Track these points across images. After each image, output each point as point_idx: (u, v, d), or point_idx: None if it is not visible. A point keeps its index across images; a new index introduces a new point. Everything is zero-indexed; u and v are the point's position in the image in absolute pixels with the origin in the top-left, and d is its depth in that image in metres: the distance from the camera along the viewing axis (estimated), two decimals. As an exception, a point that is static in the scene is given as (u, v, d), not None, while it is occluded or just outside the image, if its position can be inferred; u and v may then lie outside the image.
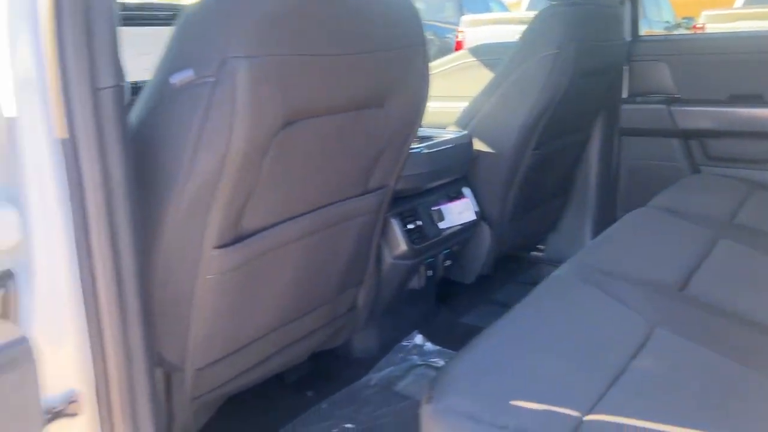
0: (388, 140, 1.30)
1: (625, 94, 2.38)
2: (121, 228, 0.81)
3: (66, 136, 0.75)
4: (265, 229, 1.15)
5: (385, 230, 1.59)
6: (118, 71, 0.79)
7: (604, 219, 2.37)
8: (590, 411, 0.83)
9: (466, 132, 1.85)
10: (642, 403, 0.86)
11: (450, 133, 1.82)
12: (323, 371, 1.70)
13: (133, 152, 0.82)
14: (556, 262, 1.87)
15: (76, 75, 0.73)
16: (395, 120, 1.27)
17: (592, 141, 2.33)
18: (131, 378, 0.85)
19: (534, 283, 1.28)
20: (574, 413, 0.82)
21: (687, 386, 0.91)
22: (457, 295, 2.13)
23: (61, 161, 0.76)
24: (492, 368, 0.91)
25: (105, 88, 0.76)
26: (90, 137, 0.75)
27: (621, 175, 2.45)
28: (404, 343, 1.78)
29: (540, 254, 2.52)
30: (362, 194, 1.36)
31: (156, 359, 1.07)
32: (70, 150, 0.75)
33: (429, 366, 1.68)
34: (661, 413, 0.84)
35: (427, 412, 0.83)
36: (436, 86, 2.43)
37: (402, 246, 1.61)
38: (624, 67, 2.34)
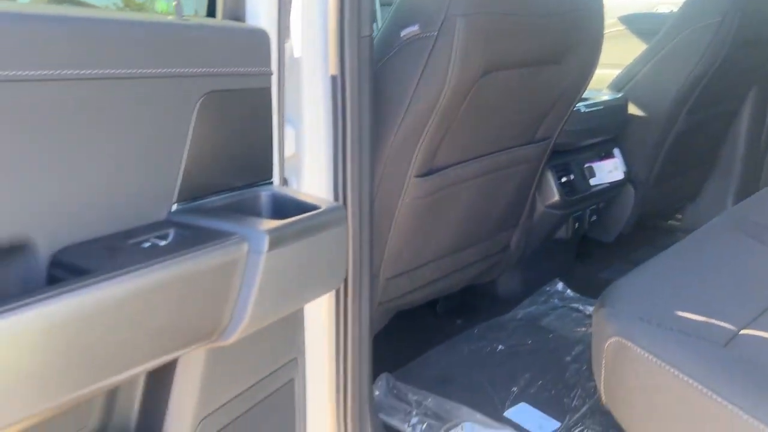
0: (560, 95, 1.45)
1: (783, 67, 2.35)
2: (364, 152, 1.03)
3: (336, 73, 0.97)
4: (450, 166, 1.35)
5: (540, 181, 1.75)
6: (372, 23, 1.00)
7: (747, 192, 2.38)
8: (745, 327, 0.97)
9: (621, 95, 1.95)
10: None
11: (606, 95, 1.93)
12: (471, 305, 1.90)
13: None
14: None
15: (349, 25, 0.95)
16: (569, 77, 1.42)
17: (742, 112, 2.33)
18: (361, 275, 1.07)
19: (671, 249, 1.37)
20: (731, 326, 0.96)
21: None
22: (595, 252, 2.25)
23: (329, 92, 0.98)
24: (657, 286, 1.06)
25: (365, 36, 0.98)
26: (353, 75, 0.97)
27: (770, 150, 2.44)
28: (546, 288, 1.94)
29: (677, 223, 2.56)
30: (529, 143, 1.53)
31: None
32: (338, 84, 0.97)
33: (571, 309, 1.83)
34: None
35: (600, 315, 1.01)
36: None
37: (555, 196, 1.77)
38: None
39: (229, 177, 0.76)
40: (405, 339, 1.70)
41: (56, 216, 0.57)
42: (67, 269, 0.56)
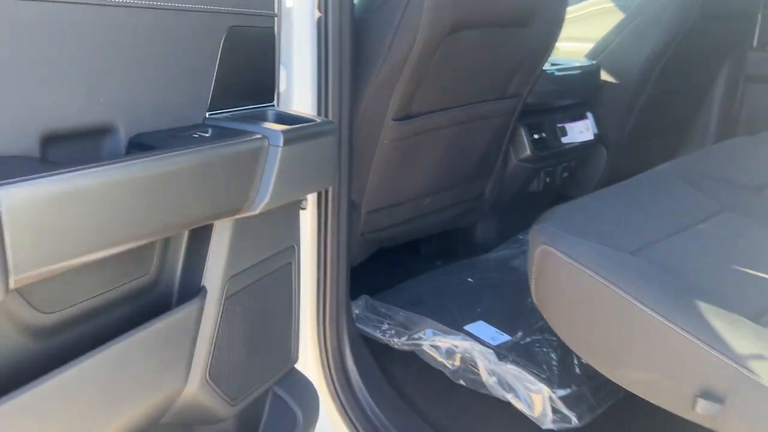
0: (526, 57, 1.64)
1: (755, 43, 2.51)
2: (344, 88, 1.23)
3: (321, 15, 1.16)
4: (425, 113, 1.55)
5: (514, 136, 1.94)
6: (353, -19, 1.20)
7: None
8: (654, 242, 1.17)
9: (595, 62, 2.13)
10: (694, 246, 1.18)
11: (580, 62, 2.11)
12: (451, 249, 2.11)
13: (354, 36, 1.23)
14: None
15: (331, -23, 1.14)
16: (534, 39, 1.61)
17: (716, 85, 2.50)
18: (339, 199, 1.27)
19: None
20: (641, 240, 1.16)
21: (731, 245, 1.22)
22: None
23: (315, 34, 1.18)
24: (586, 209, 1.26)
25: (346, -13, 1.17)
26: (335, 18, 1.16)
27: (741, 122, 2.60)
28: (520, 236, 2.14)
29: (653, 189, 2.74)
30: (499, 99, 1.72)
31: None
32: (322, 25, 1.16)
33: (538, 253, 2.03)
34: (706, 256, 1.16)
35: (534, 229, 1.21)
36: (575, 28, 2.68)
37: (527, 151, 1.96)
38: (758, 15, 2.46)
39: (242, 97, 0.97)
40: (388, 274, 1.91)
41: (132, 111, 0.78)
42: (140, 148, 0.77)
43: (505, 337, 1.50)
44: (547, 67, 2.02)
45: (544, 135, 2.00)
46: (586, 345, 1.12)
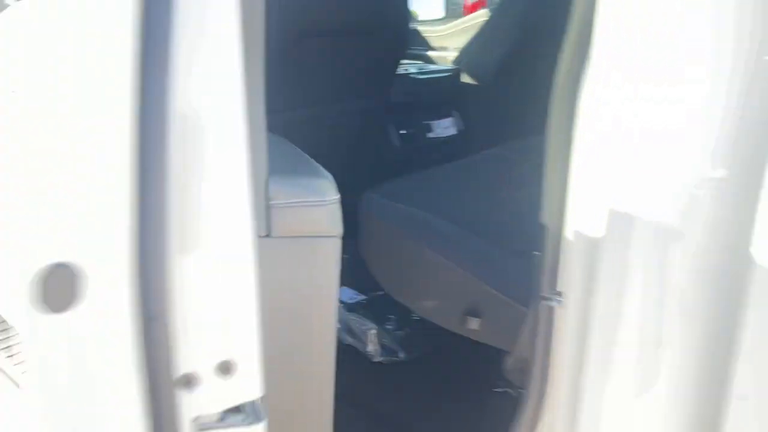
0: (378, 61, 1.93)
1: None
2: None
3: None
4: (290, 109, 1.80)
5: (383, 131, 2.22)
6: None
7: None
8: (451, 205, 1.45)
9: (455, 67, 2.44)
10: (485, 206, 1.47)
11: (443, 66, 2.42)
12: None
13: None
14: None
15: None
16: (382, 47, 1.89)
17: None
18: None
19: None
20: (441, 204, 1.44)
21: (518, 207, 1.52)
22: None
23: None
24: (405, 183, 1.55)
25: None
26: None
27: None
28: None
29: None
30: (361, 97, 2.00)
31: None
32: None
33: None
34: (492, 213, 1.45)
35: (361, 198, 1.48)
36: (459, 40, 2.97)
37: (396, 144, 2.24)
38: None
39: None
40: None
41: None
42: None
43: (361, 297, 1.77)
44: (414, 71, 2.32)
45: (411, 131, 2.29)
46: (395, 286, 1.40)
